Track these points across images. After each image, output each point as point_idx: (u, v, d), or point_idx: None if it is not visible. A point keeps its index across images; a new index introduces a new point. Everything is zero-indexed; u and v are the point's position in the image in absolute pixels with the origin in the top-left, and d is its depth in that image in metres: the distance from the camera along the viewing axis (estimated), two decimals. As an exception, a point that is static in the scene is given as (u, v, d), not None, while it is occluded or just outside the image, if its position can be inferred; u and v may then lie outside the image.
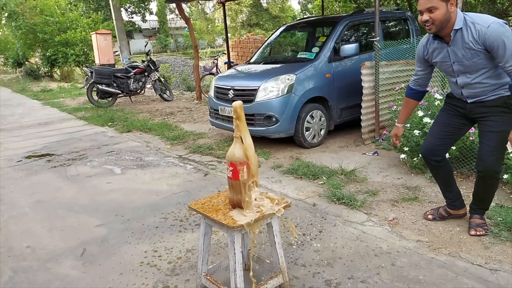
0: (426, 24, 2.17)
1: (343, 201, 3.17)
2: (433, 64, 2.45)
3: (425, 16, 2.15)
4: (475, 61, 2.19)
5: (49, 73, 17.22)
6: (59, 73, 16.99)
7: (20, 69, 18.70)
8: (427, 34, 2.37)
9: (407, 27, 5.87)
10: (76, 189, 3.90)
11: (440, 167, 2.58)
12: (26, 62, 18.11)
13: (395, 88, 4.76)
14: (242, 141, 1.89)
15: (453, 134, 2.53)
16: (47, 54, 15.73)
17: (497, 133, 2.26)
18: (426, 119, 3.59)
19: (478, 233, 2.48)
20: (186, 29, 27.94)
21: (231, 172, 1.90)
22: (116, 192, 3.77)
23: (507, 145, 2.21)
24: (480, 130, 2.38)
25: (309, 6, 26.62)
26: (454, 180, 2.68)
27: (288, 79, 4.57)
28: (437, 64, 2.41)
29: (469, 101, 2.36)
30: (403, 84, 4.61)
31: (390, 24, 5.90)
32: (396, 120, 2.79)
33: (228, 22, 9.37)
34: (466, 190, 3.19)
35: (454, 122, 2.49)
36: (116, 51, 16.35)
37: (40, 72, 17.12)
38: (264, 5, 27.60)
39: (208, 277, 2.08)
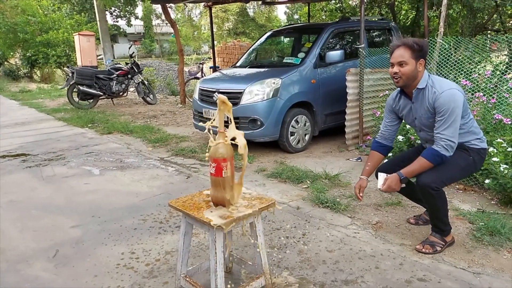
0: (394, 77, 2.29)
1: (327, 204, 3.14)
2: (401, 117, 2.52)
3: (395, 69, 2.26)
4: (431, 121, 2.29)
5: (28, 74, 16.79)
6: (39, 74, 16.58)
7: (-2, 69, 18.16)
8: (396, 89, 2.48)
9: (391, 37, 5.96)
10: (52, 190, 3.75)
11: None
12: (6, 62, 17.61)
13: (379, 95, 4.80)
14: (225, 137, 1.84)
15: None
16: (27, 54, 15.34)
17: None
18: (410, 125, 3.61)
19: (423, 249, 2.38)
20: (172, 35, 27.81)
21: (214, 169, 1.83)
22: (94, 193, 3.63)
23: (379, 185, 2.29)
24: None
25: (295, 17, 26.98)
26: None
27: (274, 83, 4.55)
28: (403, 117, 2.51)
29: None
30: (387, 91, 4.66)
31: (374, 33, 5.98)
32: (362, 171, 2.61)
33: (214, 29, 9.35)
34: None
35: (415, 158, 2.47)
36: (99, 55, 16.08)
37: (19, 72, 16.67)
38: (251, 14, 27.76)
39: (187, 279, 1.99)
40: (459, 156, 2.27)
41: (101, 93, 8.44)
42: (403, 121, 2.58)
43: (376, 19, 6.39)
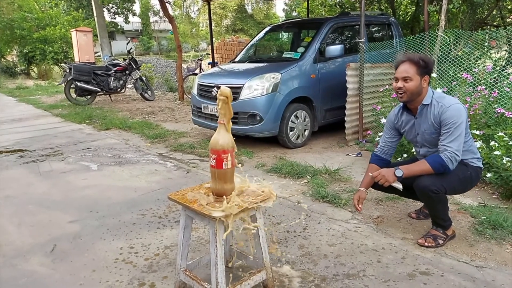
0: (399, 92, 2.30)
1: (328, 199, 3.11)
2: (402, 133, 2.53)
3: (400, 84, 2.27)
4: (434, 137, 2.30)
5: (25, 71, 16.68)
6: (36, 71, 16.47)
7: (-5, 65, 18.03)
8: (399, 104, 2.48)
9: (390, 32, 5.92)
10: (49, 185, 3.71)
11: (387, 188, 2.49)
12: (2, 59, 17.49)
13: (379, 90, 4.77)
14: (226, 128, 1.80)
15: None
16: (24, 51, 15.22)
17: None
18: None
19: (426, 243, 2.38)
20: (170, 31, 27.65)
21: (214, 161, 1.80)
22: (92, 188, 3.60)
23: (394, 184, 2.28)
24: None
25: (294, 14, 26.91)
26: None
27: (273, 77, 4.51)
28: (405, 133, 2.51)
29: None
30: (387, 86, 4.63)
31: (374, 28, 5.95)
32: (360, 184, 2.60)
33: (212, 26, 9.29)
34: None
35: None
36: (97, 52, 15.98)
37: (16, 69, 16.56)
38: (249, 11, 27.66)
39: (187, 273, 1.96)
40: (458, 168, 2.28)
41: (99, 89, 8.37)
42: (403, 136, 2.58)
43: (376, 14, 6.35)
